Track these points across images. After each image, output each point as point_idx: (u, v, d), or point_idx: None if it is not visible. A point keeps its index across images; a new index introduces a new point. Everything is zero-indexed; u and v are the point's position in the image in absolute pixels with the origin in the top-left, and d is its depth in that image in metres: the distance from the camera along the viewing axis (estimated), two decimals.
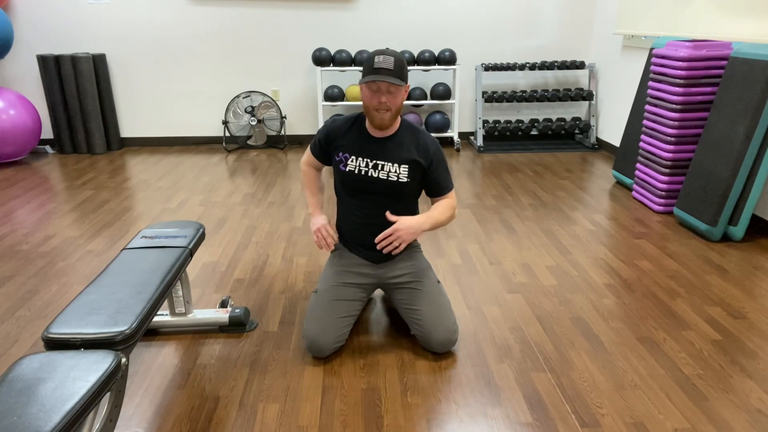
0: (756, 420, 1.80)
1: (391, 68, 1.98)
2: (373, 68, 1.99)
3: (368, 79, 1.99)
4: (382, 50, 2.04)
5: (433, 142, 2.19)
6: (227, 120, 5.36)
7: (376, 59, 1.99)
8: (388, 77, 1.97)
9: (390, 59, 1.99)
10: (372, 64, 2.00)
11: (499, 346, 2.21)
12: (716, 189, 3.15)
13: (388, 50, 2.03)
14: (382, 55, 1.99)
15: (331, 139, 2.19)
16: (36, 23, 5.06)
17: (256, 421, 1.82)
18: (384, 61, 1.98)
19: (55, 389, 1.29)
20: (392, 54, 2.01)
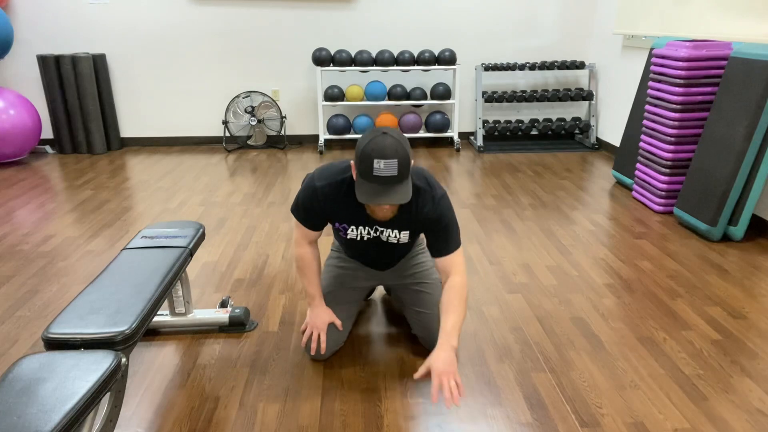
0: (756, 420, 1.80)
1: (395, 174, 1.59)
2: (372, 175, 1.60)
3: (366, 197, 1.61)
4: (380, 145, 1.59)
5: (436, 208, 1.83)
6: (227, 120, 5.36)
7: (376, 165, 1.58)
8: (393, 192, 1.60)
9: (393, 163, 1.58)
10: (371, 169, 1.59)
11: (499, 346, 2.21)
12: (716, 189, 3.15)
13: (388, 144, 1.59)
14: (383, 160, 1.57)
15: (325, 212, 1.88)
16: (36, 23, 5.06)
17: (256, 421, 1.82)
18: (387, 168, 1.58)
19: (55, 389, 1.29)
20: (393, 152, 1.58)
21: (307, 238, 2.00)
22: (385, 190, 1.61)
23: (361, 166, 1.62)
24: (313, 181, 1.84)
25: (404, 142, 1.65)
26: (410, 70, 5.28)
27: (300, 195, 1.90)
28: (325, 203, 1.85)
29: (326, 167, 1.87)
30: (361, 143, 1.64)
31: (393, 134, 1.64)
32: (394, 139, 1.61)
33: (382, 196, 1.61)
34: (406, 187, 1.64)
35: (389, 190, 1.61)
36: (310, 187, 1.85)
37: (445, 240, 1.87)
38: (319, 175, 1.84)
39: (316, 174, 1.85)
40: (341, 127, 5.23)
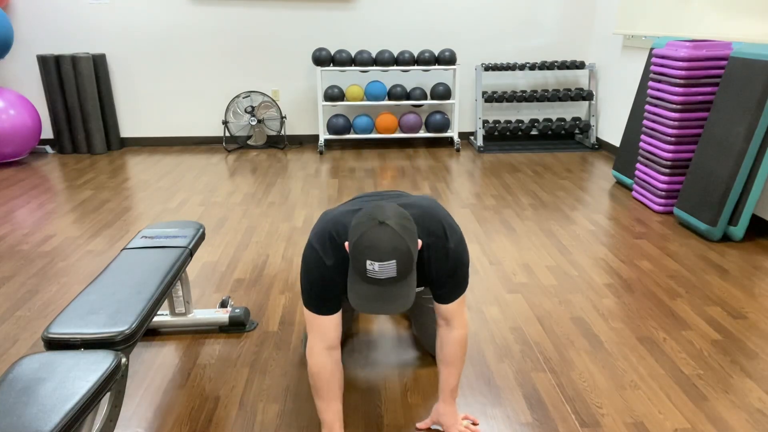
0: (756, 420, 1.80)
1: (394, 275, 1.34)
2: (366, 276, 1.35)
3: (359, 301, 1.37)
4: (375, 238, 1.31)
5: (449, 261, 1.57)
6: (227, 120, 5.36)
7: (369, 266, 1.32)
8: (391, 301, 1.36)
9: (390, 265, 1.32)
10: (363, 269, 1.34)
11: (499, 346, 2.21)
12: (716, 189, 3.15)
13: (384, 234, 1.32)
14: (378, 262, 1.31)
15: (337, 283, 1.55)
16: (36, 23, 5.06)
17: (256, 421, 1.82)
18: (383, 270, 1.32)
19: (55, 389, 1.29)
20: (391, 247, 1.31)
21: (327, 338, 1.59)
22: (381, 294, 1.35)
23: (354, 262, 1.36)
24: (321, 260, 1.52)
25: (406, 233, 1.35)
26: (410, 70, 5.28)
27: (307, 275, 1.56)
28: (339, 277, 1.54)
29: (326, 235, 1.54)
30: (353, 232, 1.37)
31: (392, 223, 1.34)
32: (393, 231, 1.32)
33: (377, 302, 1.36)
34: (407, 287, 1.37)
35: (386, 294, 1.35)
36: (318, 265, 1.53)
37: (453, 288, 1.61)
38: (324, 251, 1.52)
39: (320, 249, 1.52)
40: (341, 127, 5.23)
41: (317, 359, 1.59)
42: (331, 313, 1.57)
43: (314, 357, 1.59)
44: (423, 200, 1.64)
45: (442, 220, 1.57)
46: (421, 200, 1.64)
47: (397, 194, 1.77)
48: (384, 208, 1.38)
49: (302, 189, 4.16)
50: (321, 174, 4.55)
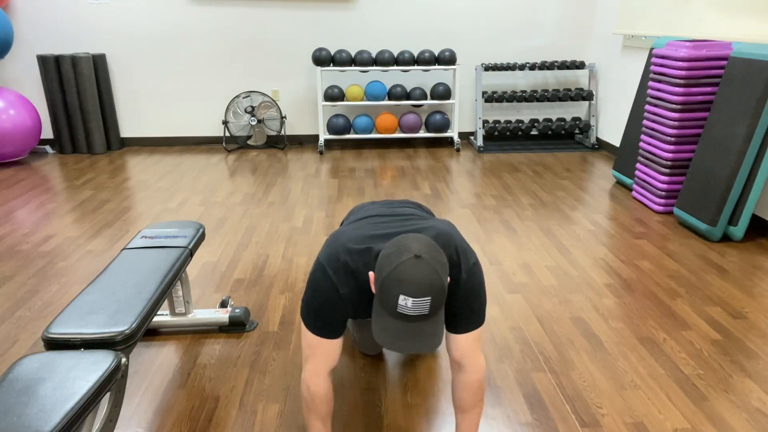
0: (756, 420, 1.80)
1: (426, 313, 1.25)
2: (395, 311, 1.26)
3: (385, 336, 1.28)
4: (411, 272, 1.23)
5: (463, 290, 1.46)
6: (227, 120, 5.36)
7: (402, 302, 1.23)
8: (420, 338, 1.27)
9: (424, 302, 1.23)
10: (394, 304, 1.25)
11: (499, 346, 2.21)
12: (716, 189, 3.15)
13: (421, 269, 1.23)
14: (412, 299, 1.22)
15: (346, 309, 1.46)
16: (36, 23, 5.06)
17: (256, 421, 1.82)
18: (416, 307, 1.24)
19: (55, 389, 1.29)
20: (428, 284, 1.23)
21: (331, 361, 1.51)
22: (409, 331, 1.26)
23: (383, 295, 1.26)
24: (335, 286, 1.42)
25: (442, 269, 1.27)
26: (410, 70, 5.28)
27: (316, 299, 1.45)
28: (351, 305, 1.46)
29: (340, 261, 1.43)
30: (385, 264, 1.27)
31: (428, 257, 1.25)
32: (430, 267, 1.24)
33: (406, 339, 1.26)
34: (435, 325, 1.28)
35: (415, 331, 1.26)
36: (331, 291, 1.43)
37: (465, 318, 1.48)
38: (338, 278, 1.42)
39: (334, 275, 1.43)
40: (341, 127, 5.23)
41: (323, 385, 1.51)
42: (338, 337, 1.49)
43: (319, 384, 1.51)
44: (438, 224, 1.53)
45: (458, 247, 1.46)
46: (436, 223, 1.53)
47: (411, 215, 1.63)
48: (417, 240, 1.30)
49: (302, 189, 4.16)
50: (321, 174, 4.55)
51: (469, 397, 1.53)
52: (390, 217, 1.62)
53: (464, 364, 1.52)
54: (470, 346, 1.51)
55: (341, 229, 1.54)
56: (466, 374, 1.52)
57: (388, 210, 1.69)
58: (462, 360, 1.52)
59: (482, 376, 1.53)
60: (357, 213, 1.78)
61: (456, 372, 1.55)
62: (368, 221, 1.59)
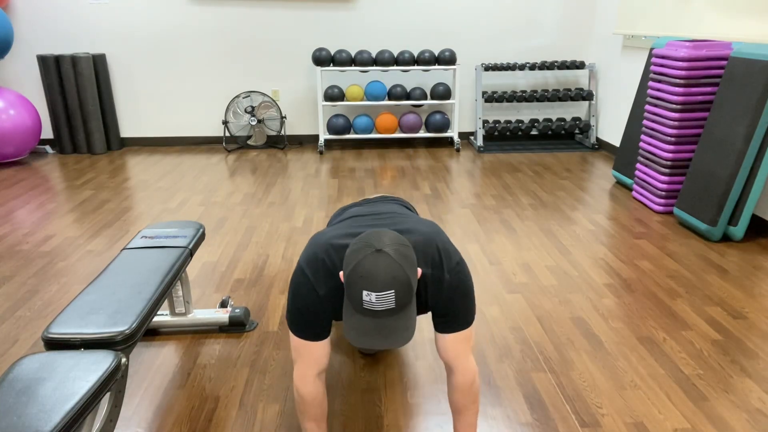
0: (756, 420, 1.80)
1: (392, 306, 1.24)
2: (362, 307, 1.25)
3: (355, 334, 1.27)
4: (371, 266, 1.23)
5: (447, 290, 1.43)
6: (227, 120, 5.36)
7: (366, 297, 1.23)
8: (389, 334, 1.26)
9: (388, 296, 1.23)
10: (359, 300, 1.24)
11: (499, 346, 2.21)
12: (716, 189, 3.15)
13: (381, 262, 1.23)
14: (374, 293, 1.22)
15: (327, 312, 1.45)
16: (36, 23, 5.06)
17: (256, 421, 1.82)
18: (380, 301, 1.23)
19: (55, 389, 1.29)
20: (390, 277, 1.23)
21: (319, 364, 1.50)
22: (378, 327, 1.25)
23: (348, 292, 1.26)
24: (313, 287, 1.42)
25: (405, 261, 1.26)
26: (410, 70, 5.28)
27: (295, 302, 1.45)
28: (331, 305, 1.45)
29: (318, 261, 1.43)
30: (348, 260, 1.28)
31: (389, 250, 1.25)
32: (391, 259, 1.23)
33: (374, 336, 1.25)
34: (406, 320, 1.27)
35: (384, 327, 1.25)
36: (309, 292, 1.42)
37: (452, 319, 1.46)
38: (316, 279, 1.42)
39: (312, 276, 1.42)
40: (341, 127, 5.23)
41: (311, 388, 1.50)
42: (322, 339, 1.47)
43: (308, 386, 1.50)
44: (422, 225, 1.51)
45: (440, 247, 1.44)
46: (419, 225, 1.51)
47: (393, 213, 1.62)
48: (381, 235, 1.29)
49: (302, 189, 4.16)
50: (321, 174, 4.55)
51: (462, 398, 1.53)
52: (371, 216, 1.61)
53: (454, 366, 1.51)
54: (459, 348, 1.48)
55: (321, 231, 1.55)
56: (456, 376, 1.51)
57: (370, 209, 1.68)
58: (451, 362, 1.50)
59: (472, 378, 1.51)
60: (341, 215, 1.77)
61: (448, 374, 1.55)
62: (350, 222, 1.59)
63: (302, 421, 1.57)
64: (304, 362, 1.49)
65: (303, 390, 1.51)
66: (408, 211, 1.71)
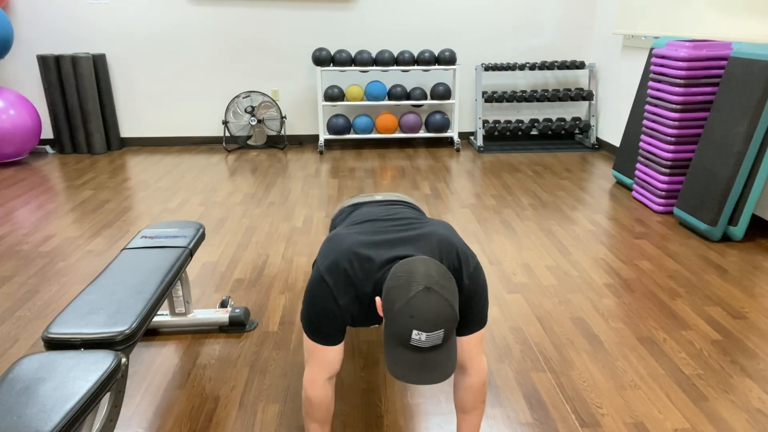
0: (756, 420, 1.80)
1: (439, 343, 1.23)
2: (409, 344, 1.22)
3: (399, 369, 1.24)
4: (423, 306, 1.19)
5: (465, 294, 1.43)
6: (227, 120, 5.36)
7: (415, 336, 1.20)
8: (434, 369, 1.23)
9: (437, 335, 1.21)
10: (407, 338, 1.21)
11: (499, 346, 2.21)
12: (716, 189, 3.15)
13: (433, 302, 1.20)
14: (425, 333, 1.19)
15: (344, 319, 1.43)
16: (36, 23, 5.06)
17: (256, 421, 1.82)
18: (429, 340, 1.21)
19: (55, 389, 1.29)
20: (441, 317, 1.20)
21: (331, 369, 1.49)
22: (423, 362, 1.23)
23: (395, 329, 1.22)
24: (333, 295, 1.39)
25: (452, 297, 1.23)
26: (410, 70, 5.28)
27: (313, 307, 1.42)
28: (350, 314, 1.43)
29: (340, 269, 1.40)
30: (395, 296, 1.23)
31: (438, 288, 1.22)
32: (441, 298, 1.20)
33: (421, 372, 1.23)
34: (449, 351, 1.25)
35: (429, 361, 1.23)
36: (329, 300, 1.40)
37: (467, 321, 1.46)
38: (336, 287, 1.39)
39: (332, 284, 1.39)
40: (341, 127, 5.23)
41: (320, 391, 1.50)
42: (336, 344, 1.47)
43: (317, 389, 1.50)
44: (440, 227, 1.51)
45: (458, 252, 1.44)
46: (437, 228, 1.51)
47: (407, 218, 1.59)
48: (426, 267, 1.26)
49: (302, 189, 4.16)
50: (321, 174, 4.55)
51: (471, 398, 1.53)
52: (389, 222, 1.59)
53: (467, 367, 1.51)
54: (473, 349, 1.49)
55: (340, 234, 1.50)
56: (469, 376, 1.52)
57: (385, 213, 1.66)
58: (465, 362, 1.51)
59: (484, 378, 1.52)
60: (350, 214, 1.74)
61: (458, 374, 1.54)
62: (367, 226, 1.55)
63: (306, 422, 1.57)
64: (316, 365, 1.49)
65: (311, 392, 1.51)
66: (421, 215, 1.69)
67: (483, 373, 1.51)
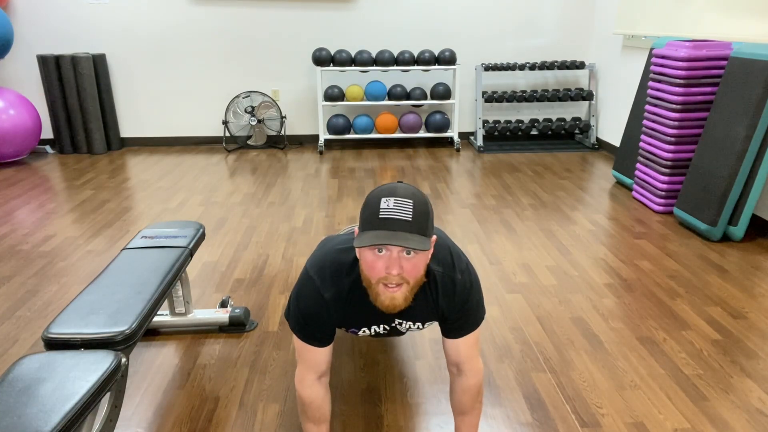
0: (756, 420, 1.80)
1: (408, 219, 1.23)
2: (378, 218, 1.23)
3: (369, 240, 1.22)
4: (391, 187, 1.27)
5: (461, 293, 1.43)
6: (227, 120, 5.36)
7: (383, 204, 1.23)
8: (403, 237, 1.21)
9: (406, 204, 1.23)
10: (376, 211, 1.24)
11: (499, 346, 2.21)
12: (716, 189, 3.15)
13: (401, 186, 1.28)
14: (392, 198, 1.24)
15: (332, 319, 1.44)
16: (36, 23, 5.06)
17: (256, 421, 1.82)
18: (396, 208, 1.23)
19: (55, 389, 1.29)
20: (408, 194, 1.25)
21: (318, 369, 1.49)
22: (393, 236, 1.21)
23: (365, 213, 1.26)
24: (319, 291, 1.40)
25: (422, 194, 1.30)
26: (410, 70, 5.28)
27: (299, 304, 1.43)
28: (335, 311, 1.42)
29: (326, 264, 1.42)
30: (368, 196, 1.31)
31: (408, 185, 1.31)
32: (409, 185, 1.30)
33: (390, 238, 1.21)
34: (422, 240, 1.23)
35: (401, 243, 1.20)
36: (314, 296, 1.41)
37: (463, 321, 1.46)
38: (322, 282, 1.40)
39: (318, 279, 1.41)
40: (341, 127, 5.23)
41: (309, 391, 1.50)
42: (324, 345, 1.46)
43: (306, 389, 1.50)
44: None
45: (450, 248, 1.46)
46: None
47: None
48: None
49: (302, 189, 4.16)
50: (321, 174, 4.55)
51: (468, 400, 1.53)
52: None
53: (463, 369, 1.51)
54: (469, 351, 1.49)
55: (328, 237, 1.56)
56: (466, 378, 1.51)
57: None
58: (462, 365, 1.50)
59: (481, 379, 1.52)
60: None
61: (454, 376, 1.54)
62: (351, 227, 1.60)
63: (302, 422, 1.57)
64: (305, 365, 1.49)
65: (301, 392, 1.51)
66: None
67: (480, 375, 1.51)
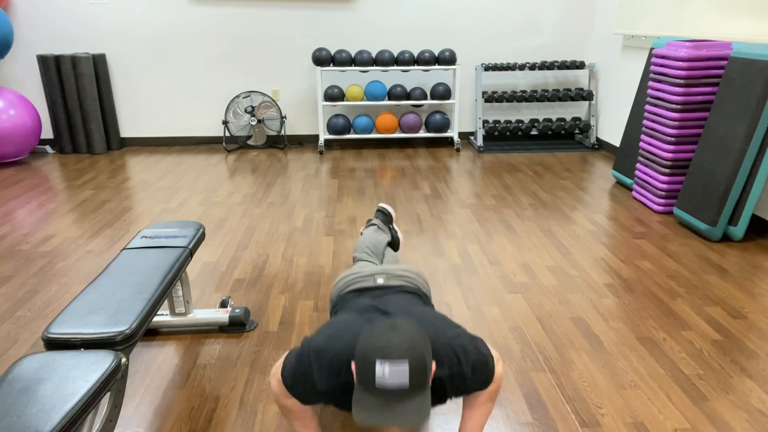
0: (756, 420, 1.80)
1: (405, 387, 1.18)
2: (374, 386, 1.19)
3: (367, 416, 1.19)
4: (384, 339, 1.20)
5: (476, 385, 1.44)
6: (227, 120, 5.36)
7: (379, 371, 1.17)
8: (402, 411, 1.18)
9: (402, 369, 1.17)
10: (372, 378, 1.19)
11: (499, 346, 2.21)
12: (716, 189, 3.15)
13: (395, 336, 1.20)
14: (387, 363, 1.16)
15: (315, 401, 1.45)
16: (36, 23, 5.06)
17: (256, 421, 1.82)
18: (392, 377, 1.17)
19: (55, 389, 1.29)
20: (402, 351, 1.18)
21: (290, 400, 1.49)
22: (390, 407, 1.17)
23: (360, 371, 1.21)
24: (313, 381, 1.39)
25: (419, 339, 1.22)
26: (410, 70, 5.28)
27: (293, 379, 1.41)
28: (325, 398, 1.43)
29: (326, 355, 1.39)
30: (362, 338, 1.25)
31: (404, 326, 1.23)
32: (405, 333, 1.21)
33: (386, 413, 1.16)
34: (421, 403, 1.18)
35: (397, 407, 1.16)
36: (307, 381, 1.40)
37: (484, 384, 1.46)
38: (319, 370, 1.38)
39: (315, 366, 1.39)
40: (341, 127, 5.23)
41: (284, 402, 1.48)
42: (308, 405, 1.49)
43: (282, 399, 1.48)
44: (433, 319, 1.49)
45: (452, 343, 1.41)
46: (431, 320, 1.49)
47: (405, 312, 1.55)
48: (396, 318, 1.31)
49: (302, 189, 4.16)
50: (321, 174, 4.55)
51: (483, 399, 1.52)
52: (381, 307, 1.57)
53: None
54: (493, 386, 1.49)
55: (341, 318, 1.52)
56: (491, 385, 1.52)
57: (379, 304, 1.60)
58: None
59: (498, 386, 1.51)
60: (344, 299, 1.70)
61: None
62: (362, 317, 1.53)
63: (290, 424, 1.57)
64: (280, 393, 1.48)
65: (278, 402, 1.51)
66: (419, 302, 1.65)
67: (499, 381, 1.51)
